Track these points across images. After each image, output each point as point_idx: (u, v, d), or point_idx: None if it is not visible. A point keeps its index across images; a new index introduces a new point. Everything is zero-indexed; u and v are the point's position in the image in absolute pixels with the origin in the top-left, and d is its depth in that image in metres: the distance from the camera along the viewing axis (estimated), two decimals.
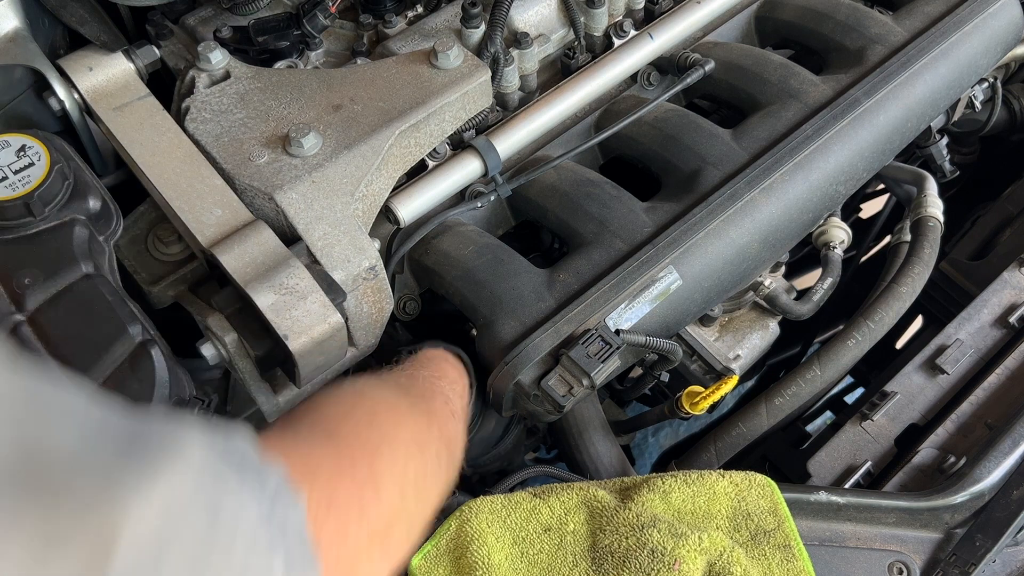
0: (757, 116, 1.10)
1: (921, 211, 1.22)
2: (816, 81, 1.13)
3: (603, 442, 1.02)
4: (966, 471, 0.97)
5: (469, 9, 1.04)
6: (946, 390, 1.12)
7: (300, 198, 0.90)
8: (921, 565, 0.92)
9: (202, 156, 0.93)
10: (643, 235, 0.98)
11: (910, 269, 1.15)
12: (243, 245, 0.85)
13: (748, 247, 1.00)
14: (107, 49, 0.99)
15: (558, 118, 1.10)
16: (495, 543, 0.84)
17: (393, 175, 0.98)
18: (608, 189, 1.03)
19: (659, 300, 0.94)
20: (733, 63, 1.15)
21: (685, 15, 1.18)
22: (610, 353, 0.87)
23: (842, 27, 1.19)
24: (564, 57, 1.15)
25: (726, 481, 0.90)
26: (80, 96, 0.99)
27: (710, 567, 0.83)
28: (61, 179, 0.85)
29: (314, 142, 0.92)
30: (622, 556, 0.82)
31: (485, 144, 1.03)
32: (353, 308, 0.91)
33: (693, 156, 1.05)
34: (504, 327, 0.92)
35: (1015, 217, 1.37)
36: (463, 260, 0.97)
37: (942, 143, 1.35)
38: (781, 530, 0.88)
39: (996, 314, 1.17)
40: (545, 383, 0.87)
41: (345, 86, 0.99)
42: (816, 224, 1.14)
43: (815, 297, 1.14)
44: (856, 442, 1.08)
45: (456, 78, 1.00)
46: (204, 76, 0.99)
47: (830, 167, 1.05)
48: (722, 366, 1.09)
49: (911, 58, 1.12)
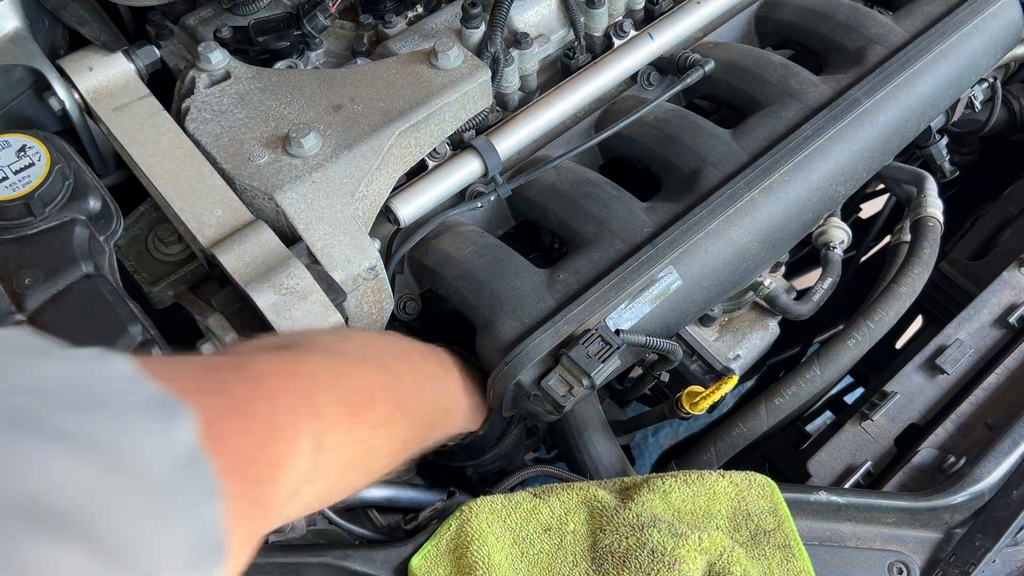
0: (757, 116, 1.10)
1: (921, 211, 1.22)
2: (816, 81, 1.13)
3: (603, 442, 1.02)
4: (966, 471, 0.97)
5: (469, 9, 1.04)
6: (946, 390, 1.12)
7: (300, 198, 0.90)
8: (921, 565, 0.92)
9: (202, 156, 0.93)
10: (643, 235, 0.98)
11: (910, 269, 1.15)
12: (243, 245, 0.85)
13: (748, 247, 1.00)
14: (107, 49, 0.99)
15: (558, 118, 1.10)
16: (495, 543, 0.84)
17: (393, 175, 0.98)
18: (608, 189, 1.03)
19: (659, 300, 0.94)
20: (733, 63, 1.15)
21: (685, 15, 1.18)
22: (610, 353, 0.87)
23: (842, 27, 1.19)
24: (564, 57, 1.15)
25: (726, 481, 0.90)
26: (80, 96, 0.99)
27: (710, 567, 0.83)
28: (61, 179, 0.85)
29: (314, 142, 0.92)
30: (622, 556, 0.82)
31: (485, 144, 1.03)
32: (353, 308, 0.91)
33: (693, 156, 1.05)
34: (504, 327, 0.92)
35: (1015, 217, 1.37)
36: (463, 260, 0.97)
37: (942, 143, 1.35)
38: (781, 530, 0.88)
39: (996, 314, 1.17)
40: (545, 383, 0.87)
41: (345, 86, 0.99)
42: (816, 224, 1.14)
43: (815, 297, 1.14)
44: (856, 442, 1.08)
45: (456, 78, 1.00)
46: (204, 76, 0.99)
47: (830, 167, 1.05)
48: (722, 366, 1.09)
49: (911, 58, 1.12)
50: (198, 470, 0.43)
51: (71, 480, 0.36)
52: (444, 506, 0.91)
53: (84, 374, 0.42)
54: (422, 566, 0.84)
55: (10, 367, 0.40)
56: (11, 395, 0.39)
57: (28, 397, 0.39)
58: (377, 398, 0.69)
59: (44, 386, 0.40)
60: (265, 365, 0.57)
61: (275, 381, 0.56)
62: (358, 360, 0.71)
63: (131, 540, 0.37)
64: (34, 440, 0.37)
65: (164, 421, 0.42)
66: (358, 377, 0.68)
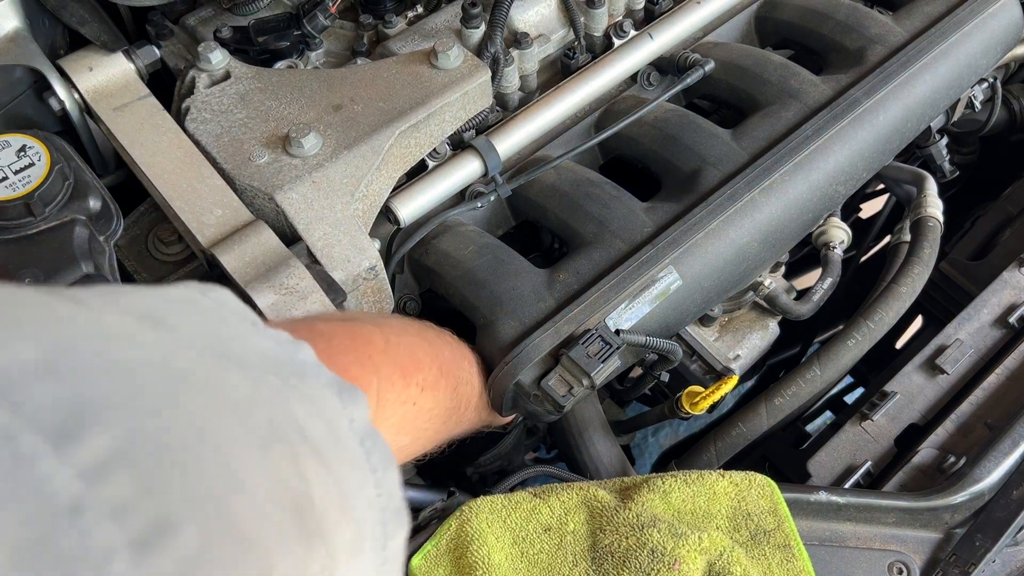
0: (757, 116, 1.10)
1: (921, 211, 1.22)
2: (816, 81, 1.13)
3: (603, 442, 1.02)
4: (966, 471, 0.97)
5: (469, 9, 1.04)
6: (946, 390, 1.12)
7: (300, 198, 0.90)
8: (921, 565, 0.92)
9: (202, 156, 0.93)
10: (643, 235, 0.98)
11: (910, 269, 1.15)
12: (243, 245, 0.85)
13: (748, 247, 1.00)
14: (107, 49, 0.99)
15: (558, 118, 1.10)
16: (495, 543, 0.84)
17: (393, 175, 0.98)
18: (608, 189, 1.03)
19: (659, 300, 0.94)
20: (733, 63, 1.15)
21: (685, 15, 1.18)
22: (610, 353, 0.87)
23: (842, 27, 1.19)
24: (564, 57, 1.15)
25: (726, 481, 0.90)
26: (80, 96, 0.99)
27: (710, 567, 0.83)
28: (61, 179, 0.85)
29: (314, 142, 0.92)
30: (622, 556, 0.82)
31: (485, 144, 1.03)
32: (353, 308, 0.91)
33: (693, 156, 1.05)
34: (504, 327, 0.92)
35: (1015, 217, 1.37)
36: (463, 260, 0.97)
37: (942, 143, 1.35)
38: (781, 530, 0.88)
39: (996, 314, 1.17)
40: (545, 383, 0.87)
41: (345, 86, 0.99)
42: (816, 224, 1.14)
43: (815, 297, 1.14)
44: (856, 442, 1.08)
45: (456, 78, 1.00)
46: (204, 76, 0.99)
47: (830, 167, 1.05)
48: (722, 366, 1.09)
49: (911, 58, 1.12)
50: (377, 441, 0.45)
51: (311, 475, 0.38)
52: (444, 506, 0.91)
53: (287, 355, 0.44)
54: (422, 566, 0.84)
55: (235, 332, 0.42)
56: (247, 366, 0.39)
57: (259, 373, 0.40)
58: (423, 362, 0.73)
59: (258, 362, 0.41)
60: (330, 328, 0.63)
61: (341, 341, 0.61)
62: (401, 330, 0.75)
63: (343, 522, 0.39)
64: (267, 377, 0.39)
65: (351, 402, 0.45)
66: (405, 344, 0.72)
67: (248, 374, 0.38)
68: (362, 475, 0.42)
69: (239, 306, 0.45)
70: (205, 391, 0.34)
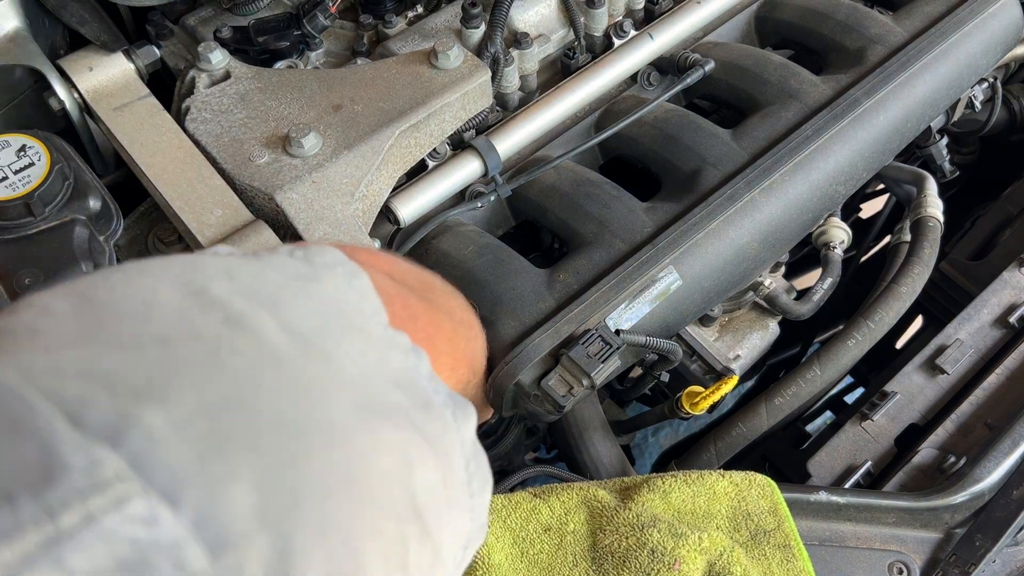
0: (757, 116, 1.10)
1: (921, 211, 1.22)
2: (816, 81, 1.13)
3: (603, 442, 1.02)
4: (966, 471, 0.97)
5: (469, 9, 1.04)
6: (946, 390, 1.12)
7: (300, 198, 0.90)
8: (921, 565, 0.92)
9: (202, 156, 0.93)
10: (643, 235, 0.98)
11: (910, 269, 1.15)
12: (243, 245, 0.86)
13: (748, 247, 1.00)
14: (107, 49, 0.99)
15: (558, 118, 1.10)
16: (495, 543, 0.84)
17: (393, 175, 0.98)
18: (608, 189, 1.03)
19: (659, 300, 0.94)
20: (733, 63, 1.15)
21: (685, 15, 1.18)
22: (610, 353, 0.87)
23: (842, 27, 1.19)
24: (564, 57, 1.15)
25: (726, 481, 0.90)
26: (80, 96, 0.99)
27: (710, 567, 0.83)
28: (61, 179, 0.85)
29: (314, 142, 0.92)
30: (622, 556, 0.82)
31: (485, 144, 1.03)
32: None
33: (693, 156, 1.05)
34: (504, 327, 0.92)
35: (1015, 217, 1.37)
36: (463, 260, 0.97)
37: (942, 143, 1.35)
38: (781, 530, 0.88)
39: (996, 314, 1.17)
40: (545, 383, 0.87)
41: (345, 86, 0.99)
42: (816, 224, 1.14)
43: (815, 297, 1.14)
44: (856, 442, 1.08)
45: (456, 78, 1.00)
46: (204, 76, 0.99)
47: (830, 167, 1.05)
48: (722, 366, 1.09)
49: (911, 58, 1.12)
50: (480, 463, 0.46)
51: (431, 480, 0.39)
52: None
53: (412, 374, 0.44)
54: None
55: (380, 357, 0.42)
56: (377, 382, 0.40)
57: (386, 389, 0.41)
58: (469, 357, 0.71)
59: (396, 403, 0.41)
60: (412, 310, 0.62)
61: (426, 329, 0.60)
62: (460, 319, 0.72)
63: (446, 532, 0.41)
64: (407, 432, 0.39)
65: (463, 419, 0.45)
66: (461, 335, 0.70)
67: (393, 437, 0.39)
68: (459, 515, 0.43)
69: (375, 303, 0.44)
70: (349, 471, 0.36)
